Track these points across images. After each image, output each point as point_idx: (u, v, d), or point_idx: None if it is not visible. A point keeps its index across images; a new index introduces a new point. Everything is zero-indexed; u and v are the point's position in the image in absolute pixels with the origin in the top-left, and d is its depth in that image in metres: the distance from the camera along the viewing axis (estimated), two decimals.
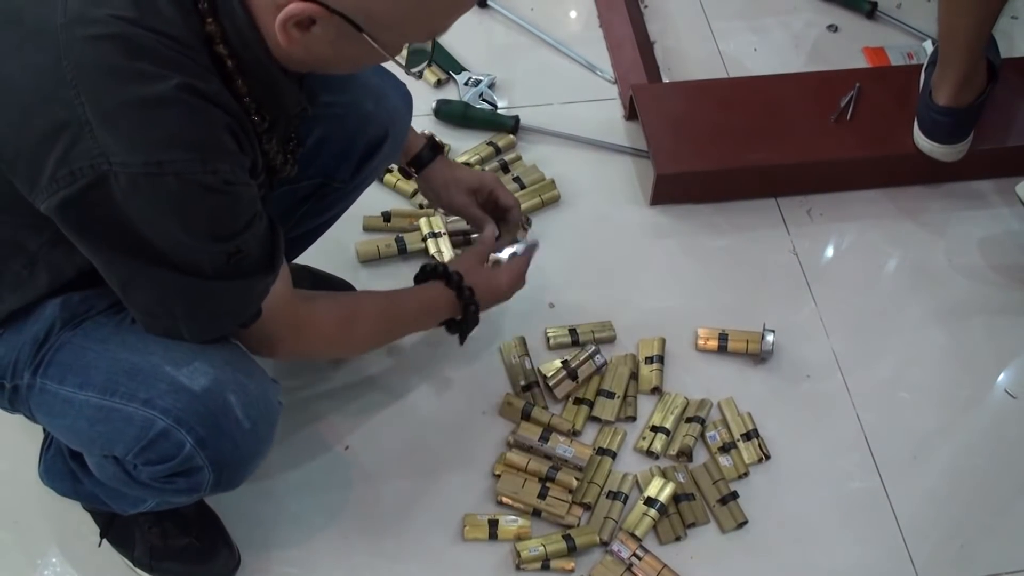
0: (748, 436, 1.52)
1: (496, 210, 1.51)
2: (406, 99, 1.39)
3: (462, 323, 1.38)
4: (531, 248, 1.49)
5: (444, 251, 1.67)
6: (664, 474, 1.48)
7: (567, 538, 1.40)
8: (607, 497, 1.45)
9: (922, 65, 1.84)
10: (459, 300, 1.36)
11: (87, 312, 1.06)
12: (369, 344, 1.38)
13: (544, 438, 1.47)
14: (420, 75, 1.06)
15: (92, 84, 0.88)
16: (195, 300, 1.01)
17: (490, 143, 1.85)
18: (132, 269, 0.97)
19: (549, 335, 1.61)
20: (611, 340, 1.62)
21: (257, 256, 1.02)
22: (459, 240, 1.71)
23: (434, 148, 1.47)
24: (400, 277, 1.65)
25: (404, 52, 1.00)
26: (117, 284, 0.99)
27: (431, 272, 1.38)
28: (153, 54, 0.89)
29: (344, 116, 1.30)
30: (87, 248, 0.95)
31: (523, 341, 1.60)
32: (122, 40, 0.88)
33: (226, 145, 0.94)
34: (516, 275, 1.45)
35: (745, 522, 1.45)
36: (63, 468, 1.26)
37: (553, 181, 1.80)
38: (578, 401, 1.54)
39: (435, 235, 1.69)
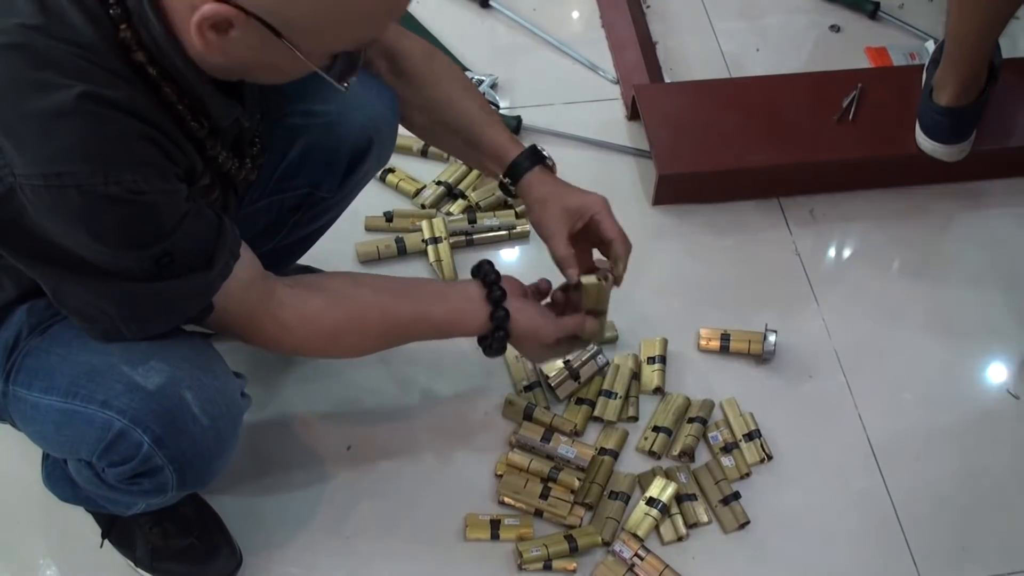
0: (750, 436, 1.52)
1: (599, 242, 1.31)
2: (391, 105, 1.32)
3: (488, 343, 1.26)
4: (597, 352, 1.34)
5: (443, 258, 1.67)
6: (666, 474, 1.48)
7: (569, 538, 1.40)
8: (609, 497, 1.45)
9: (924, 65, 1.84)
10: (491, 321, 1.23)
11: (53, 317, 1.06)
12: (372, 349, 1.26)
13: (546, 438, 1.47)
14: (348, 88, 0.99)
15: None
16: (128, 302, 0.99)
17: None
18: (58, 277, 0.96)
19: None
20: (614, 340, 1.62)
21: (193, 256, 0.99)
22: (461, 242, 1.71)
23: (535, 157, 1.30)
24: None
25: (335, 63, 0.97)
26: (48, 290, 0.98)
27: (476, 272, 1.26)
28: (57, 63, 0.87)
29: (327, 126, 1.28)
30: (12, 258, 0.95)
31: None
32: (26, 50, 0.87)
33: (136, 154, 0.91)
34: (560, 332, 1.27)
35: (747, 522, 1.45)
36: (62, 475, 1.26)
37: None
38: (580, 401, 1.54)
39: (435, 240, 1.68)
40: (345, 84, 0.98)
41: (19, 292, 1.05)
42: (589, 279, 1.26)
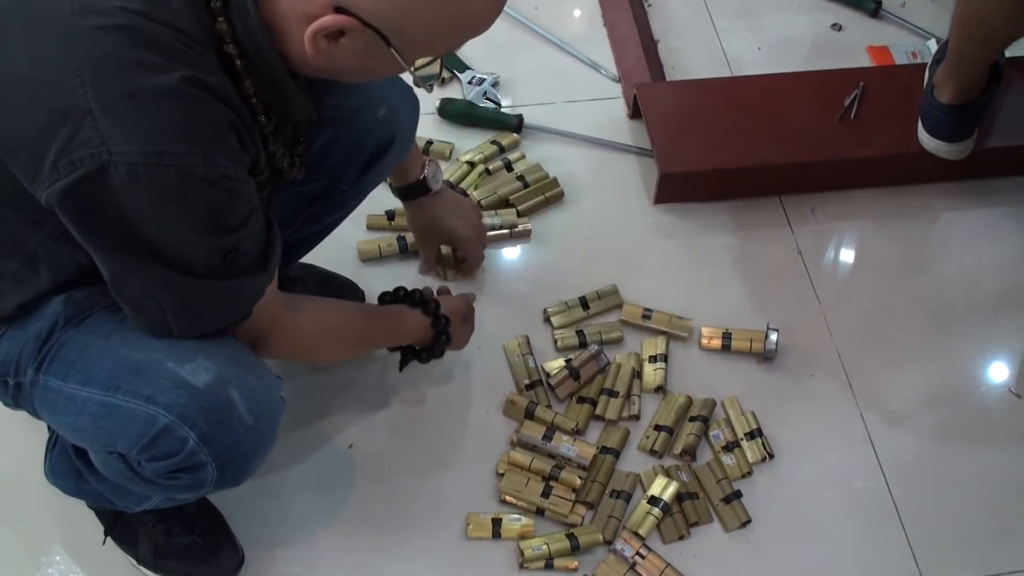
0: (752, 435, 1.52)
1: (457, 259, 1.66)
2: (413, 102, 1.39)
3: (426, 350, 1.43)
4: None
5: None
6: (668, 473, 1.48)
7: (570, 537, 1.40)
8: (610, 496, 1.45)
9: (926, 64, 1.84)
10: (432, 328, 1.41)
11: (90, 309, 1.06)
12: (341, 357, 1.44)
13: (548, 437, 1.47)
14: (431, 88, 1.05)
15: (96, 73, 0.88)
16: (186, 297, 1.00)
17: (494, 142, 1.85)
18: (126, 262, 0.96)
19: (557, 337, 1.61)
20: (618, 341, 1.62)
21: (252, 255, 1.02)
22: None
23: (421, 189, 1.51)
24: (401, 276, 1.65)
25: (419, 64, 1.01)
26: (109, 276, 0.98)
27: (404, 298, 1.43)
28: (159, 46, 0.89)
29: (352, 119, 1.30)
30: (84, 239, 0.95)
31: (527, 340, 1.60)
32: (129, 31, 0.88)
33: (227, 141, 0.94)
34: (472, 327, 1.52)
35: (748, 521, 1.45)
36: (68, 467, 1.26)
37: (557, 180, 1.80)
38: (581, 400, 1.54)
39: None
40: (430, 85, 1.03)
41: (56, 282, 1.04)
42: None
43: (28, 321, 1.06)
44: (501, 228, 1.73)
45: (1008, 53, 1.78)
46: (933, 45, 2.05)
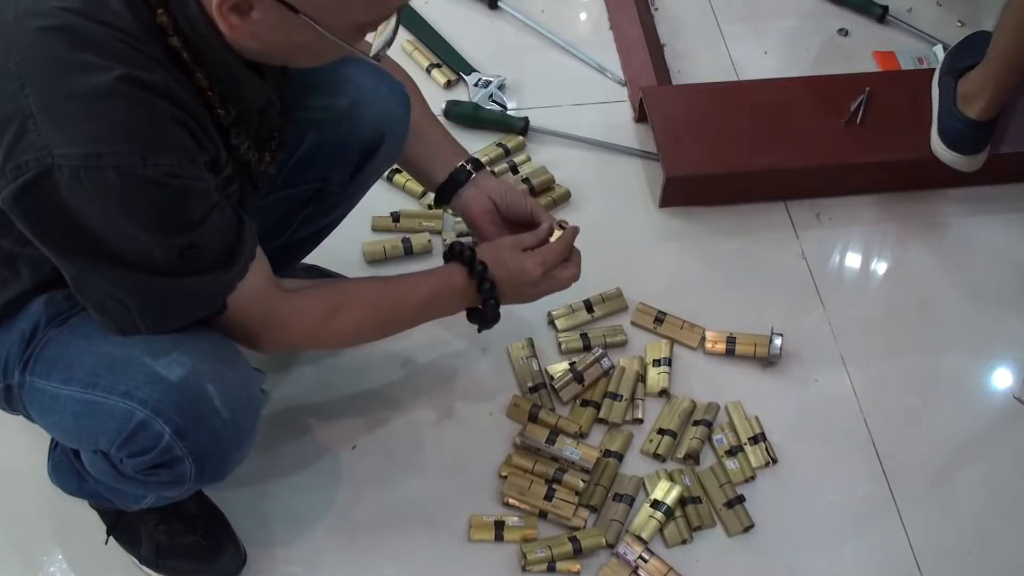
0: (755, 440, 1.52)
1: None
2: (403, 101, 1.33)
3: (481, 317, 1.31)
4: (572, 230, 1.34)
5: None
6: (671, 477, 1.48)
7: (573, 540, 1.40)
8: (613, 499, 1.45)
9: (933, 70, 1.83)
10: (478, 293, 1.27)
11: (71, 309, 1.06)
12: (363, 335, 1.28)
13: (551, 440, 1.47)
14: (378, 59, 1.01)
15: (35, 76, 0.88)
16: (149, 295, 1.00)
17: (499, 144, 1.85)
18: (83, 264, 0.96)
19: (561, 340, 1.61)
20: (622, 344, 1.62)
21: (216, 251, 1.01)
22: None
23: (456, 183, 1.37)
24: None
25: (376, 41, 0.98)
26: (69, 278, 0.98)
27: (457, 254, 1.28)
28: (97, 45, 0.89)
29: (339, 120, 1.29)
30: (39, 241, 0.95)
31: (531, 342, 1.60)
32: (66, 31, 0.88)
33: (172, 138, 0.92)
34: (549, 258, 1.30)
35: (751, 526, 1.45)
36: (70, 467, 1.26)
37: (562, 183, 1.80)
38: (585, 403, 1.54)
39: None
40: (377, 57, 1.00)
41: (36, 282, 1.05)
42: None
43: (13, 322, 1.07)
44: None
45: None
46: (939, 51, 2.05)
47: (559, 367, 1.57)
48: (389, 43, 1.00)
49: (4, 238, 1.00)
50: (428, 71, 1.97)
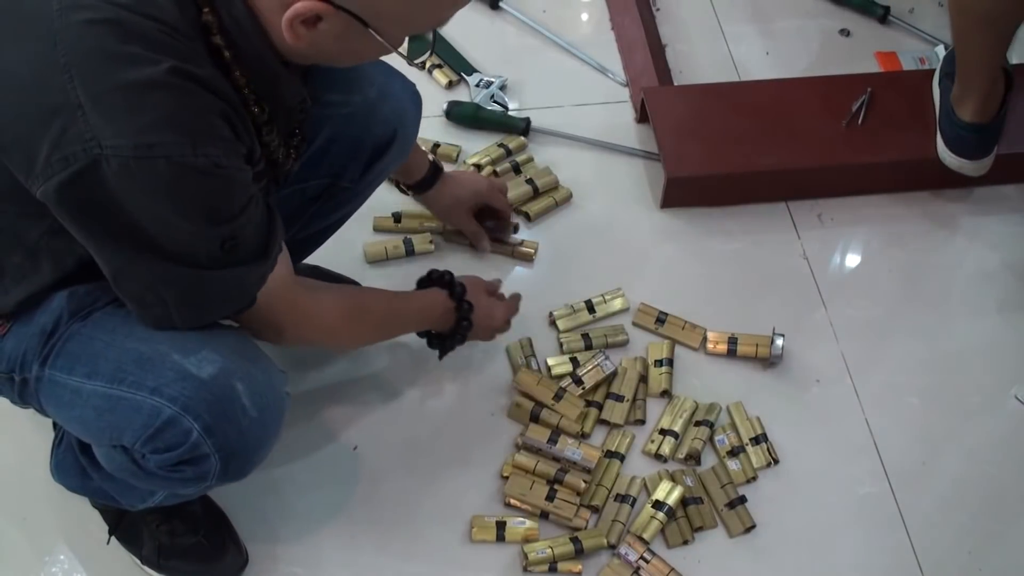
0: (757, 440, 1.52)
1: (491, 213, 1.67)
2: (415, 99, 1.40)
3: (448, 337, 1.43)
4: (517, 297, 1.57)
5: None
6: (672, 477, 1.48)
7: (575, 540, 1.40)
8: (615, 500, 1.45)
9: (934, 70, 1.83)
10: (456, 313, 1.41)
11: (94, 304, 1.07)
12: (367, 339, 1.41)
13: (553, 440, 1.47)
14: (423, 66, 1.07)
15: (84, 68, 0.88)
16: (188, 288, 1.01)
17: (501, 145, 1.85)
18: (125, 257, 0.97)
19: (562, 340, 1.61)
20: (624, 344, 1.62)
21: (253, 244, 1.02)
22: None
23: (436, 172, 1.56)
24: (407, 279, 1.63)
25: (405, 43, 1.01)
26: (109, 271, 0.99)
27: (437, 279, 1.43)
28: (146, 38, 0.89)
29: (352, 116, 1.31)
30: (81, 234, 0.95)
31: (530, 342, 1.60)
32: (115, 24, 0.89)
33: (218, 130, 0.94)
34: (510, 312, 1.53)
35: (753, 526, 1.45)
36: (73, 464, 1.26)
37: (564, 183, 1.80)
38: (587, 404, 1.54)
39: None
40: (419, 63, 1.04)
41: (57, 277, 1.05)
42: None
43: (32, 316, 1.06)
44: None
45: (1013, 60, 1.78)
46: (941, 51, 2.05)
47: (557, 360, 1.58)
48: (431, 50, 1.07)
49: (33, 230, 1.00)
50: (429, 71, 1.97)
